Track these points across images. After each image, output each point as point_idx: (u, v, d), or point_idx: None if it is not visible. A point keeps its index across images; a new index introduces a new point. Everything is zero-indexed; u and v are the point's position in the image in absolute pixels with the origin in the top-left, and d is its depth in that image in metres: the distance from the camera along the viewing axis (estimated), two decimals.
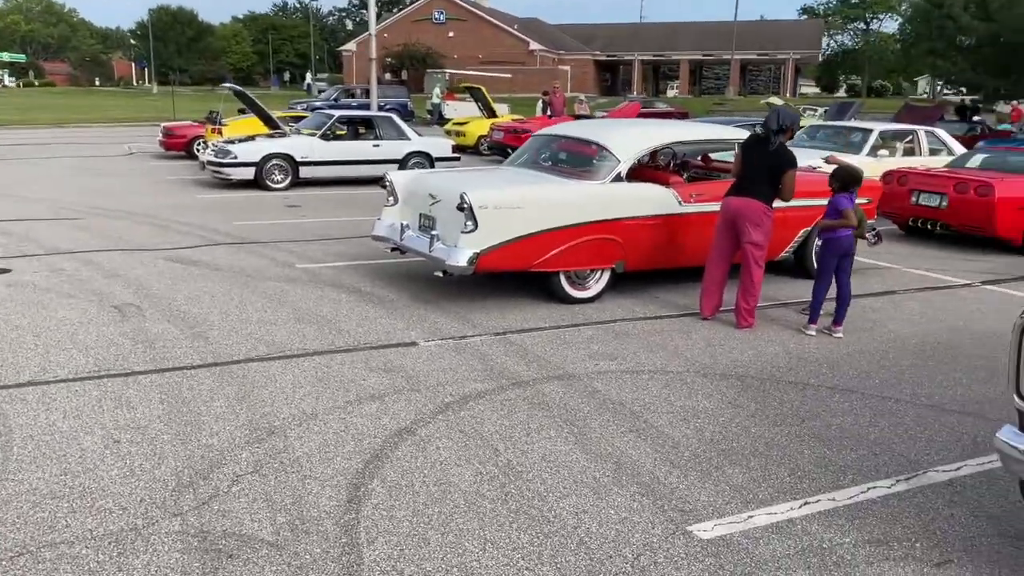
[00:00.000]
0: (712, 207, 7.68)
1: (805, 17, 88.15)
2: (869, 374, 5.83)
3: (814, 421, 4.94)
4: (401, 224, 7.88)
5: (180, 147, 19.85)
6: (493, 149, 21.55)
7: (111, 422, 4.63)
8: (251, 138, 15.43)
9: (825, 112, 29.61)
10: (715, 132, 8.29)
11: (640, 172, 7.95)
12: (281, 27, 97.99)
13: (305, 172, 15.08)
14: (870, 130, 13.39)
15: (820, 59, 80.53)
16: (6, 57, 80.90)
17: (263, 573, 3.27)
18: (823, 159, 9.56)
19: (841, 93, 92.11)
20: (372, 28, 22.50)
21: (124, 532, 3.53)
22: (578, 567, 3.36)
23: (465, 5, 69.61)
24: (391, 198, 8.20)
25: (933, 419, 5.04)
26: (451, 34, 67.06)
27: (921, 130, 13.85)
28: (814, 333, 6.70)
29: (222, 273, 8.31)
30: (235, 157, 14.50)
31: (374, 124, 16.13)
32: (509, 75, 45.74)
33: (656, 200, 7.63)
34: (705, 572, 3.36)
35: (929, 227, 10.96)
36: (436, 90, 37.59)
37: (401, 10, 75.06)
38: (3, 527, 3.55)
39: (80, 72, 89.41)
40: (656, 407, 5.08)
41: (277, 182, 14.78)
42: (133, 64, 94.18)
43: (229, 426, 4.61)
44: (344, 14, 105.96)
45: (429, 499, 3.88)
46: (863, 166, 12.79)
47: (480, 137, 22.55)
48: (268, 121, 16.32)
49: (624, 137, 7.83)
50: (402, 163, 15.82)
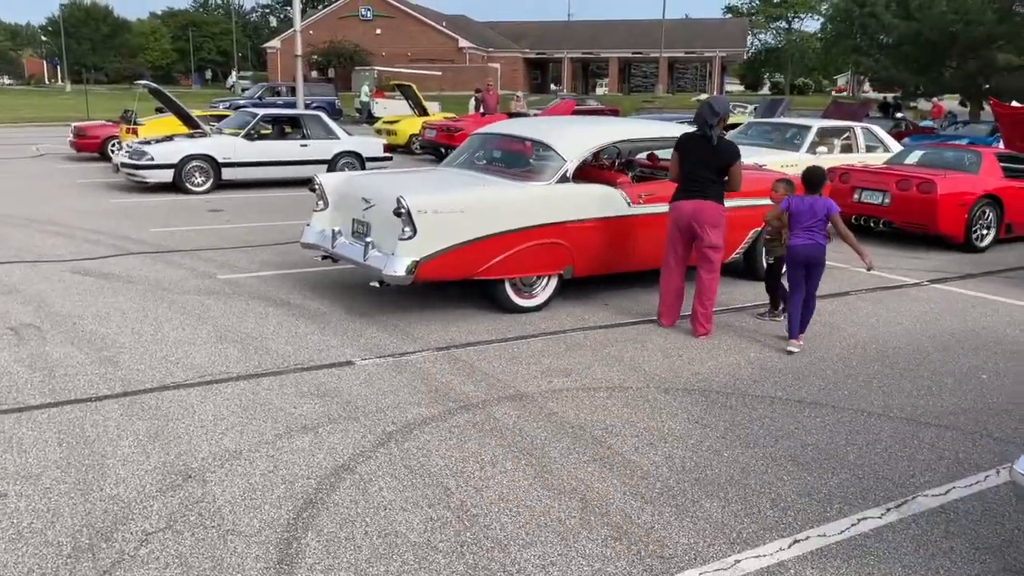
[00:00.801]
0: (662, 208, 7.32)
1: (729, 16, 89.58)
2: (836, 385, 5.52)
3: (788, 440, 4.59)
4: (332, 231, 7.30)
5: (93, 148, 18.74)
6: (425, 148, 20.98)
7: None
8: (169, 138, 14.55)
9: (755, 109, 29.88)
10: (661, 129, 7.93)
11: (585, 172, 7.54)
12: (202, 24, 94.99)
13: (228, 174, 14.28)
14: (808, 127, 13.27)
15: (745, 57, 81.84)
16: None
17: None
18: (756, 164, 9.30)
19: (765, 91, 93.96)
20: (297, 24, 21.66)
21: None
22: None
23: (392, 2, 68.53)
24: (321, 202, 7.62)
25: (911, 434, 4.74)
26: (378, 31, 65.94)
27: (858, 127, 13.82)
28: (797, 350, 6.24)
29: (135, 287, 7.61)
30: (152, 158, 13.62)
31: (301, 123, 15.40)
32: (440, 72, 45.06)
33: (604, 201, 7.23)
34: None
35: (871, 224, 10.85)
36: (364, 88, 36.75)
37: (327, 7, 73.56)
38: None
39: None
40: (619, 430, 4.65)
41: (198, 185, 13.96)
42: (45, 62, 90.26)
43: (139, 471, 4.01)
44: (268, 11, 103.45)
45: (373, 554, 3.37)
46: (801, 163, 12.75)
47: (412, 136, 21.95)
48: (187, 120, 15.44)
49: (569, 135, 7.40)
50: (331, 163, 15.14)
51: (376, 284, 6.65)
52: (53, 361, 5.55)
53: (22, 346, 5.85)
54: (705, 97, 31.90)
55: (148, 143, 14.20)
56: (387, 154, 16.11)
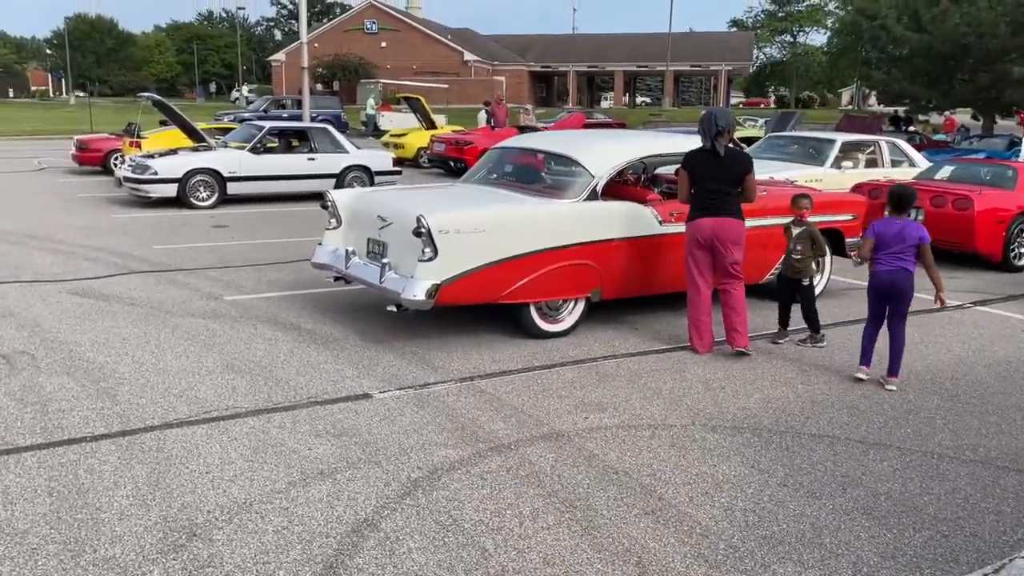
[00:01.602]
0: None
1: (735, 29, 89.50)
2: (897, 422, 5.07)
3: (857, 489, 4.14)
4: (346, 250, 6.89)
5: (95, 162, 18.37)
6: (434, 162, 20.62)
7: None
8: (173, 152, 14.16)
9: (766, 123, 29.48)
10: (691, 144, 7.49)
11: (612, 189, 7.11)
12: (207, 37, 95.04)
13: (233, 188, 13.89)
14: (832, 141, 12.86)
15: (751, 71, 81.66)
16: None
17: None
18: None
19: (771, 104, 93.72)
20: (303, 36, 21.32)
21: None
22: None
23: (398, 15, 68.55)
24: (333, 220, 7.20)
25: (990, 481, 4.29)
26: (383, 44, 65.86)
27: (883, 140, 13.40)
28: (865, 377, 5.80)
29: (137, 309, 7.18)
30: (155, 173, 13.23)
31: (308, 136, 15.01)
32: (447, 85, 44.78)
33: (634, 220, 6.80)
34: None
35: None
36: (371, 101, 36.41)
37: (331, 20, 73.52)
38: None
39: None
40: (669, 476, 4.21)
41: (202, 200, 13.56)
42: (50, 75, 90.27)
43: (137, 527, 3.57)
44: (272, 24, 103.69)
45: None
46: (826, 179, 12.34)
47: (420, 149, 21.58)
48: (192, 133, 15.08)
49: (598, 150, 6.98)
50: (339, 177, 14.76)
51: (393, 309, 6.21)
52: (46, 394, 5.12)
53: (14, 377, 5.42)
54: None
55: (151, 157, 13.81)
56: (396, 168, 15.71)
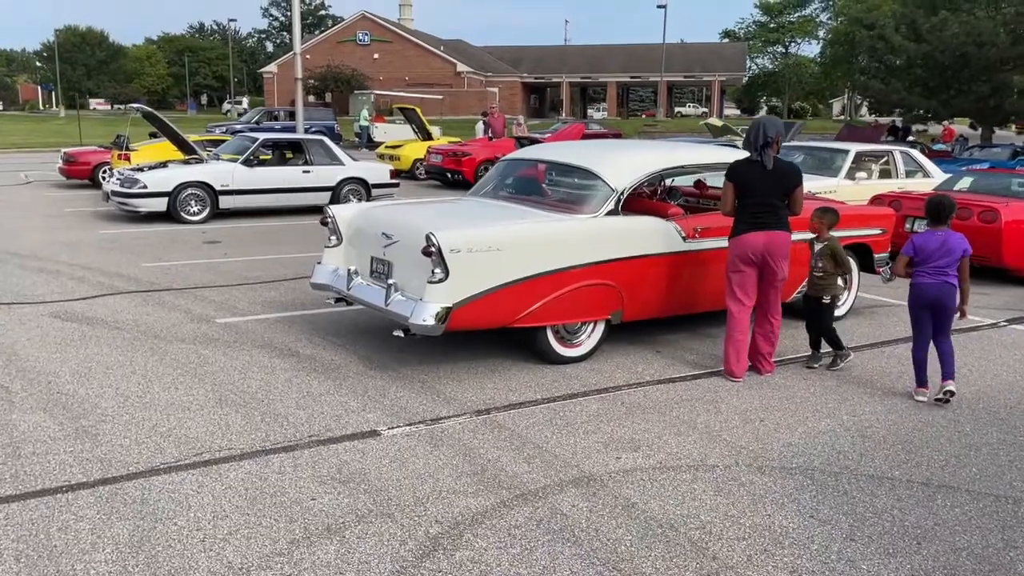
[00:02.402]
0: (718, 243, 6.49)
1: (727, 40, 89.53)
2: (959, 460, 4.61)
3: (933, 543, 3.67)
4: (348, 270, 6.41)
5: (83, 175, 17.88)
6: (431, 173, 20.18)
7: None
8: (163, 164, 13.66)
9: None
10: (718, 154, 7.07)
11: (630, 203, 6.66)
12: (198, 49, 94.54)
13: (226, 202, 13.40)
14: (845, 151, 12.47)
15: (744, 81, 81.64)
16: None
17: None
18: None
19: (762, 114, 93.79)
20: (297, 46, 20.88)
21: None
22: None
23: (390, 27, 68.21)
24: (334, 237, 6.73)
25: None
26: (376, 56, 65.47)
27: (896, 150, 13.01)
28: (925, 399, 5.54)
29: (123, 334, 6.69)
30: (144, 186, 12.73)
31: (303, 148, 14.53)
32: (442, 96, 44.41)
33: (657, 236, 6.35)
34: None
35: None
36: (364, 112, 36.03)
37: (323, 32, 73.16)
38: None
39: None
40: (720, 529, 3.73)
41: (193, 214, 13.06)
42: (39, 88, 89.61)
43: None
44: (264, 36, 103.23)
45: None
46: (841, 190, 11.92)
47: (416, 161, 21.14)
48: (182, 146, 14.59)
49: (618, 162, 6.53)
50: (335, 190, 14.31)
51: (400, 333, 5.73)
52: (20, 435, 4.62)
53: None
54: (711, 119, 31.13)
55: (141, 170, 13.30)
56: (394, 180, 15.26)
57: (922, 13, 31.86)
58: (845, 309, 7.84)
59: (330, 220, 6.72)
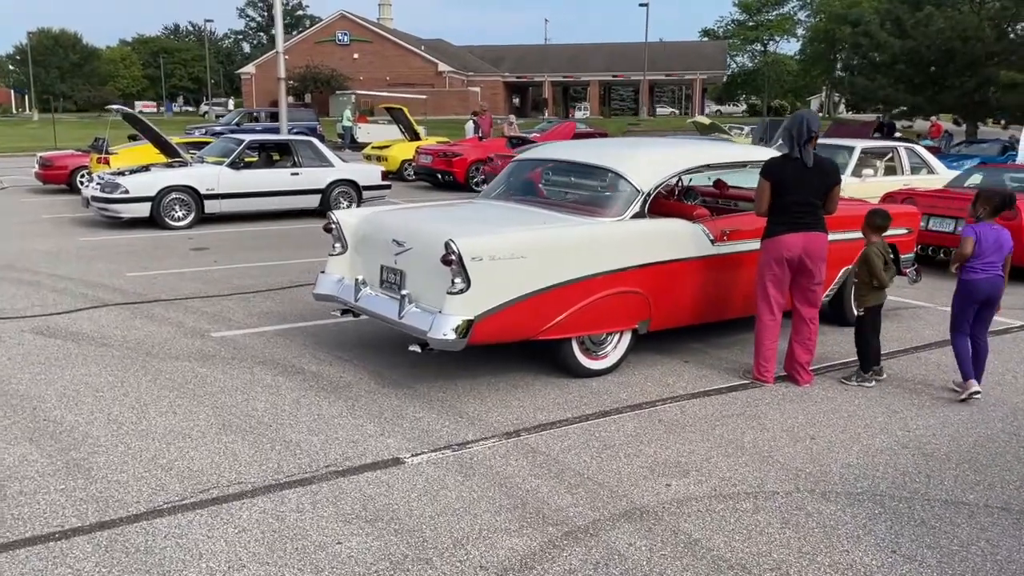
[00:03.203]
0: (746, 246, 6.15)
1: (706, 39, 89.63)
2: None
3: None
4: (356, 280, 5.98)
5: (60, 180, 17.27)
6: (420, 174, 19.73)
7: None
8: (145, 168, 13.11)
9: (752, 131, 28.92)
10: (746, 152, 6.71)
11: (653, 204, 6.28)
12: (173, 50, 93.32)
13: (211, 207, 12.89)
14: (851, 148, 12.14)
15: (725, 79, 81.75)
16: None
17: None
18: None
19: (740, 111, 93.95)
20: (279, 45, 20.33)
21: None
22: None
23: (369, 26, 67.61)
24: (338, 244, 6.30)
25: None
26: (356, 56, 64.85)
27: (901, 147, 12.75)
28: (979, 391, 5.42)
29: (111, 351, 6.22)
30: (126, 191, 12.20)
31: (291, 149, 14.03)
32: (426, 96, 43.89)
33: (685, 240, 5.97)
34: None
35: (942, 255, 9.69)
36: (347, 113, 35.46)
37: (300, 32, 72.37)
38: None
39: None
40: (798, 570, 3.34)
41: (178, 219, 12.54)
42: (12, 91, 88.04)
43: None
44: (241, 36, 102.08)
45: None
46: (848, 189, 11.61)
47: (404, 162, 20.67)
48: (165, 148, 14.05)
49: (643, 161, 6.14)
50: (324, 193, 13.83)
51: (417, 349, 5.31)
52: (5, 470, 4.16)
53: None
54: (699, 117, 30.84)
55: (122, 174, 12.76)
56: (386, 182, 14.80)
57: (907, 9, 31.78)
58: None
59: (334, 226, 6.28)
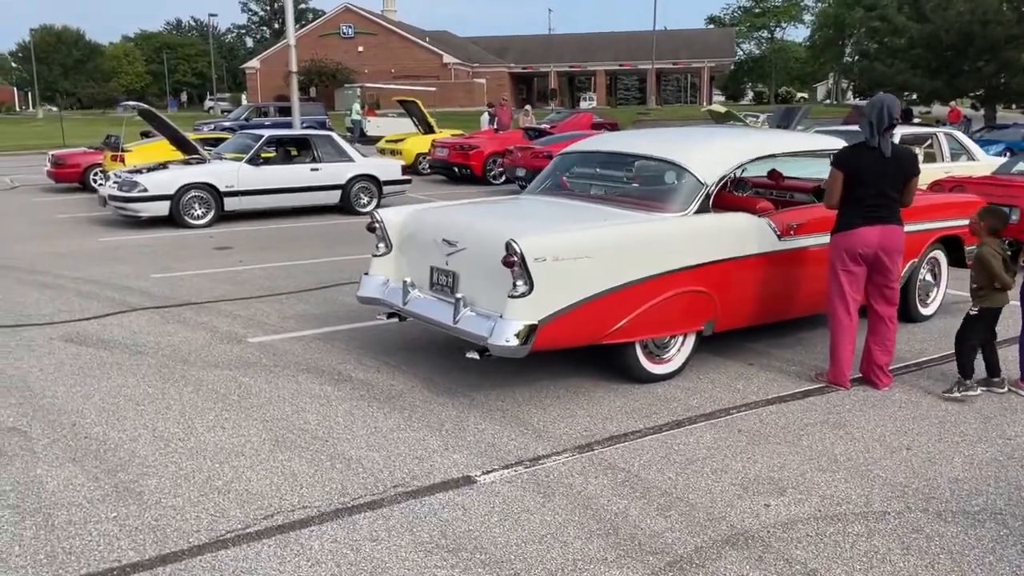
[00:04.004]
0: (814, 241, 5.82)
1: (712, 26, 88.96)
2: None
3: None
4: (404, 282, 5.66)
5: (73, 178, 16.99)
6: (435, 168, 19.40)
7: None
8: (163, 166, 12.81)
9: (768, 118, 28.49)
10: (809, 141, 6.38)
11: (716, 197, 5.94)
12: (176, 46, 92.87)
13: (231, 204, 12.58)
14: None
15: (732, 67, 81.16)
16: None
17: None
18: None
19: (747, 100, 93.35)
20: (291, 37, 20.05)
21: None
22: None
23: (374, 19, 67.18)
24: (382, 244, 5.99)
25: None
26: (360, 49, 64.44)
27: (940, 132, 12.39)
28: None
29: (147, 360, 5.91)
30: (145, 190, 11.90)
31: (311, 144, 13.71)
32: (434, 88, 43.54)
33: (751, 235, 5.64)
34: None
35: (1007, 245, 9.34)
36: (355, 106, 35.13)
37: (306, 25, 71.89)
38: None
39: None
40: None
41: (197, 218, 12.25)
42: (15, 89, 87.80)
43: None
44: (244, 31, 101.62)
45: None
46: None
47: (419, 155, 20.32)
48: (183, 145, 13.75)
49: (704, 151, 5.81)
50: (345, 188, 13.52)
51: (475, 355, 4.99)
52: (48, 496, 3.86)
53: (4, 468, 4.15)
54: (714, 105, 30.38)
55: (139, 172, 12.46)
56: (406, 177, 14.48)
57: None
58: (934, 308, 7.19)
59: (378, 225, 5.97)
